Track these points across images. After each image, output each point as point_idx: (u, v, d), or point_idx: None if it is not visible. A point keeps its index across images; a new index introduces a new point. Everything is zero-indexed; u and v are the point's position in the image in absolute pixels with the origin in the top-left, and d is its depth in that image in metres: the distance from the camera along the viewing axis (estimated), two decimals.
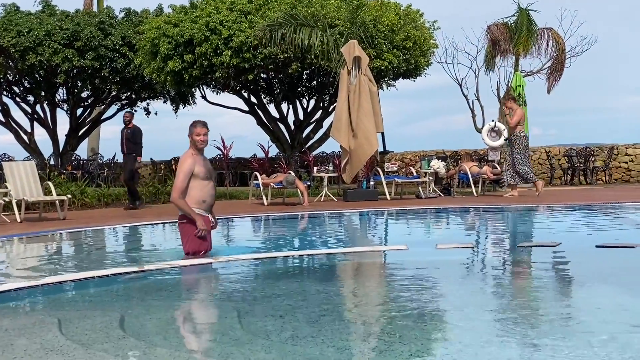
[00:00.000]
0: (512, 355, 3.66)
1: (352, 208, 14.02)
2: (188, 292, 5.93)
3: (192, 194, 7.32)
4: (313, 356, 3.67)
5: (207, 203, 7.44)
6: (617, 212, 12.20)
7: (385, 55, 21.48)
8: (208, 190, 7.43)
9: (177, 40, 22.07)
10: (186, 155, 7.45)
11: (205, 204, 7.42)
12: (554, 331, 4.10)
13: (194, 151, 7.47)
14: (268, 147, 22.07)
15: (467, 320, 4.47)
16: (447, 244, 7.81)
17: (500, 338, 4.02)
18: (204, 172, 7.39)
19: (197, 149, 7.48)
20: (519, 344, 3.88)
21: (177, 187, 7.27)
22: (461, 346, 3.83)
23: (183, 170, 7.32)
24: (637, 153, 22.57)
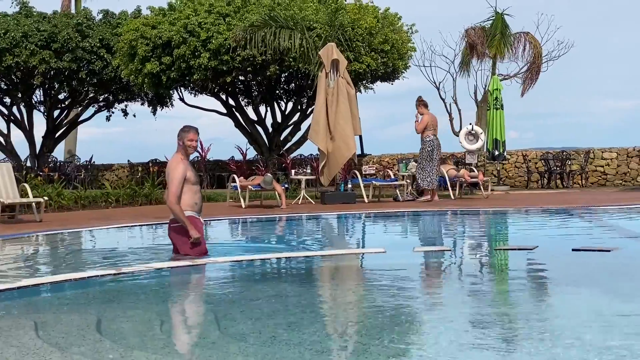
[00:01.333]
0: (488, 358, 3.68)
1: (329, 211, 14.03)
2: (165, 295, 5.91)
3: (184, 198, 7.37)
4: (291, 359, 3.67)
5: (198, 205, 7.53)
6: (593, 216, 12.29)
7: (363, 58, 21.54)
8: (198, 193, 7.54)
9: (155, 42, 22.01)
10: (177, 161, 7.45)
11: (197, 206, 7.50)
12: (530, 334, 4.12)
13: (182, 156, 7.48)
14: (246, 150, 22.06)
15: (444, 322, 4.49)
16: (425, 247, 7.84)
17: (477, 340, 4.04)
18: (194, 176, 7.48)
19: (186, 154, 7.51)
20: (495, 347, 3.90)
21: (173, 193, 7.31)
22: (438, 348, 3.85)
23: (177, 176, 7.35)
24: (612, 157, 22.75)
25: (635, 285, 5.71)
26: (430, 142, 16.11)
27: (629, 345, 3.76)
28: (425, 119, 16.14)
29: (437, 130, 16.39)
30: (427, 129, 16.11)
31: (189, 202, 7.40)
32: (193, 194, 7.46)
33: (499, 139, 20.00)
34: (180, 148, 7.50)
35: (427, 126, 16.12)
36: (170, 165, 7.49)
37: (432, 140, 16.10)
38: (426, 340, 4.13)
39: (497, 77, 21.90)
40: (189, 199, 7.40)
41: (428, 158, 16.14)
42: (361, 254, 7.74)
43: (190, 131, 7.51)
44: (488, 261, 7.63)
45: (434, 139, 16.13)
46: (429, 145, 16.12)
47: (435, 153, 16.13)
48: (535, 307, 5.05)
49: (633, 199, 14.90)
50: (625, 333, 4.07)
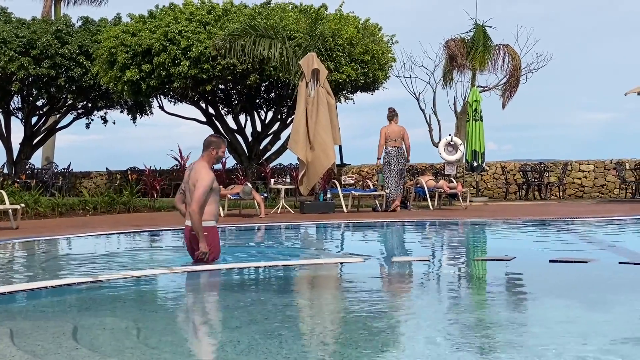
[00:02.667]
0: None
1: (308, 220, 14.03)
2: (142, 303, 5.88)
3: (209, 208, 7.45)
4: None
5: (217, 215, 7.68)
6: (571, 228, 12.36)
7: (344, 69, 21.58)
8: (218, 203, 7.78)
9: (135, 49, 21.96)
10: (206, 169, 7.47)
11: (216, 215, 7.64)
12: (506, 344, 4.14)
13: (208, 164, 7.55)
14: (225, 159, 22.00)
15: (422, 332, 4.50)
16: (403, 257, 7.85)
17: (454, 351, 4.05)
18: (217, 186, 7.59)
19: (212, 163, 7.62)
20: (472, 357, 3.91)
21: (197, 200, 7.29)
22: (414, 357, 3.85)
23: (205, 185, 7.33)
24: (590, 169, 22.91)
25: (611, 296, 5.74)
26: (388, 153, 16.37)
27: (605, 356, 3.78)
28: (381, 131, 16.37)
29: (404, 141, 16.49)
30: (388, 140, 16.33)
31: (213, 212, 7.50)
32: (216, 204, 7.59)
33: (478, 150, 20.09)
34: (207, 156, 7.54)
35: (387, 137, 16.31)
36: (200, 173, 7.42)
37: (390, 151, 16.35)
38: (403, 350, 4.13)
39: (476, 88, 22.02)
40: (213, 209, 7.50)
41: (387, 169, 16.38)
42: (339, 263, 7.74)
43: (224, 142, 7.70)
44: (466, 272, 7.65)
45: (392, 150, 16.36)
46: (387, 156, 16.39)
47: (392, 164, 16.31)
48: (513, 318, 5.06)
49: (609, 211, 15.01)
50: (601, 343, 4.09)
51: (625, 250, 8.66)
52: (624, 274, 6.95)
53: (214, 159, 7.57)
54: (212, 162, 7.59)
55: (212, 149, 7.52)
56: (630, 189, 21.48)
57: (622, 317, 4.94)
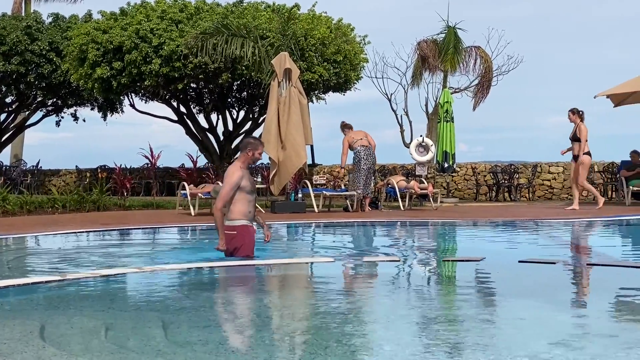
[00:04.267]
0: None
1: (279, 220, 14.01)
2: (111, 302, 5.83)
3: (238, 206, 7.61)
4: None
5: (251, 214, 7.76)
6: (540, 229, 12.45)
7: (316, 68, 21.59)
8: (252, 202, 7.78)
9: (106, 47, 21.82)
10: (235, 168, 7.70)
11: (250, 214, 7.73)
12: (475, 344, 4.15)
13: (242, 165, 7.71)
14: (196, 157, 21.95)
15: (391, 332, 4.51)
16: (374, 257, 7.86)
17: (423, 351, 4.06)
18: (249, 186, 7.69)
19: (248, 164, 7.78)
20: (441, 357, 3.92)
21: (222, 197, 7.52)
22: (385, 358, 3.86)
23: (231, 182, 7.55)
24: (559, 171, 23.10)
25: (580, 297, 5.79)
26: (358, 152, 16.49)
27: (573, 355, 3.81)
28: (344, 140, 16.53)
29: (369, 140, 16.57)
30: (353, 144, 16.42)
31: (242, 211, 7.61)
32: (247, 203, 7.67)
33: (448, 151, 20.17)
34: (243, 157, 7.76)
35: (352, 142, 16.42)
36: (229, 170, 7.73)
37: (360, 151, 16.47)
38: (373, 349, 4.14)
39: (448, 90, 22.12)
40: (242, 207, 7.61)
41: (357, 168, 16.50)
42: (309, 263, 7.74)
43: (261, 144, 7.96)
44: (436, 272, 7.68)
45: (361, 149, 16.46)
46: (357, 156, 16.51)
47: (362, 163, 16.44)
48: (482, 318, 5.09)
49: (578, 213, 15.13)
50: (568, 343, 4.12)
51: (593, 252, 8.74)
52: (591, 274, 7.02)
53: (250, 159, 7.81)
54: (248, 162, 7.81)
55: (248, 150, 7.76)
56: (599, 191, 21.67)
57: (589, 317, 4.98)
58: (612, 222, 13.72)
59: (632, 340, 4.31)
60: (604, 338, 4.35)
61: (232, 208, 7.60)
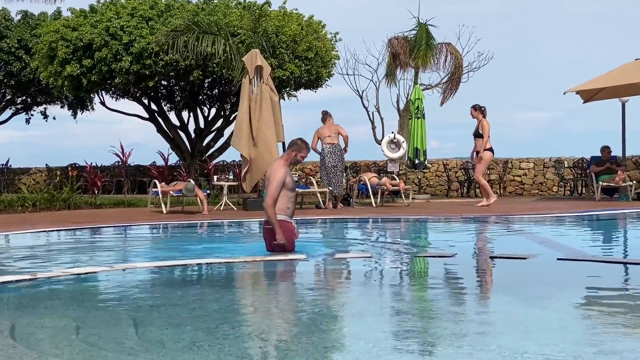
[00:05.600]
0: None
1: (251, 217, 13.99)
2: (82, 301, 5.79)
3: (278, 202, 7.84)
4: None
5: (290, 210, 8.03)
6: (511, 225, 12.53)
7: (287, 66, 21.56)
8: (292, 199, 8.06)
9: (76, 44, 21.65)
10: (279, 165, 7.98)
11: (289, 210, 8.00)
12: (447, 340, 4.18)
13: (285, 163, 8.03)
14: (168, 155, 21.88)
15: (364, 329, 4.52)
16: (345, 254, 7.88)
17: (396, 347, 4.07)
18: (291, 183, 7.95)
19: (290, 162, 8.08)
20: (413, 353, 3.94)
21: (271, 195, 7.80)
22: (356, 355, 3.87)
23: (277, 179, 7.81)
24: (529, 167, 23.26)
25: (550, 292, 5.83)
26: (322, 150, 16.63)
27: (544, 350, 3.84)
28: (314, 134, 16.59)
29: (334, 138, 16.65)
30: (322, 138, 16.57)
31: (282, 207, 7.88)
32: (287, 199, 7.93)
33: (419, 147, 20.24)
34: (286, 156, 8.11)
35: (320, 137, 16.58)
36: (273, 168, 8.02)
37: (324, 149, 16.63)
38: (346, 345, 4.15)
39: (419, 86, 22.17)
40: (282, 203, 7.88)
41: (322, 166, 16.64)
42: (282, 260, 7.74)
43: (306, 148, 8.22)
44: (408, 268, 7.70)
45: (325, 147, 16.65)
46: (321, 153, 16.71)
47: (326, 160, 16.59)
48: (453, 313, 5.12)
49: (548, 208, 15.25)
50: (540, 338, 4.15)
51: (563, 247, 8.81)
52: (562, 269, 7.07)
53: (292, 159, 8.07)
54: (290, 161, 8.08)
55: (292, 150, 8.05)
56: (569, 187, 21.86)
57: (560, 312, 5.02)
58: (582, 217, 13.84)
59: (601, 334, 4.35)
60: (573, 333, 4.39)
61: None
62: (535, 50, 78.09)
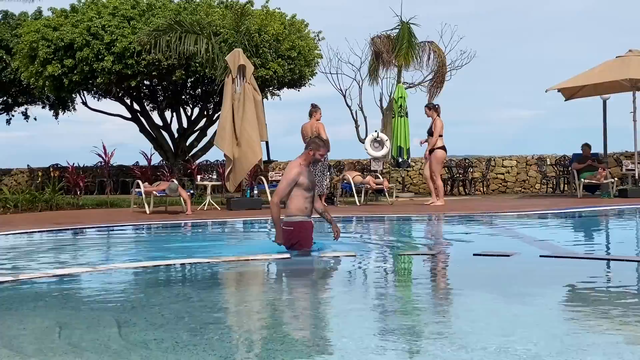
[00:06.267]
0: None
1: (235, 217, 13.97)
2: (65, 302, 5.76)
3: (295, 202, 7.83)
4: None
5: (308, 209, 7.95)
6: (494, 222, 12.57)
7: (270, 65, 21.55)
8: (309, 199, 7.95)
9: (57, 44, 21.56)
10: (295, 164, 7.93)
11: (307, 210, 7.93)
12: (431, 337, 4.18)
13: (302, 162, 7.94)
14: (151, 155, 21.79)
15: (348, 327, 4.52)
16: (329, 253, 7.87)
17: (380, 344, 4.08)
18: (307, 183, 7.88)
19: (308, 162, 7.98)
20: (397, 350, 3.95)
21: (278, 192, 7.84)
22: (341, 354, 3.87)
23: (288, 178, 7.82)
24: (512, 165, 23.35)
25: (533, 289, 5.85)
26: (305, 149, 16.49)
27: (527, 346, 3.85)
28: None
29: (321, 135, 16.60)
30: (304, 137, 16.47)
31: (299, 207, 7.84)
32: (304, 199, 7.87)
33: (403, 146, 20.25)
34: (304, 155, 7.98)
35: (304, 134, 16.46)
36: (288, 166, 8.02)
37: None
38: (331, 344, 4.15)
39: (402, 85, 22.19)
40: (299, 203, 7.83)
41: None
42: (266, 259, 7.73)
43: (324, 147, 8.22)
44: (392, 266, 7.71)
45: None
46: None
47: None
48: (437, 311, 5.13)
49: (531, 206, 15.32)
50: (523, 335, 4.16)
51: (546, 244, 8.85)
52: (544, 266, 7.10)
53: (310, 158, 7.97)
54: (309, 161, 7.98)
55: (310, 149, 7.97)
56: (551, 184, 21.95)
57: (543, 309, 5.04)
58: (564, 214, 13.90)
59: (584, 331, 4.37)
60: (555, 329, 4.41)
61: (290, 204, 7.86)
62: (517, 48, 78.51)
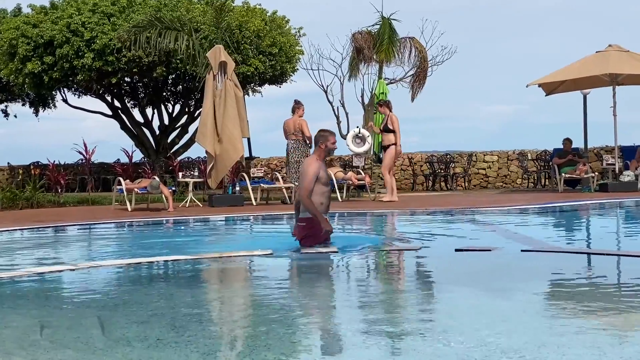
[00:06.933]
0: (373, 356, 3.72)
1: (217, 213, 13.95)
2: (47, 300, 5.74)
3: (313, 196, 7.78)
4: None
5: (324, 205, 7.95)
6: (476, 217, 12.61)
7: (251, 61, 21.52)
8: (326, 194, 7.98)
9: (37, 41, 21.42)
10: (312, 160, 7.98)
11: (322, 206, 7.91)
12: (413, 332, 4.20)
13: (318, 158, 7.97)
14: (132, 152, 21.66)
15: (331, 323, 4.53)
16: (311, 249, 7.87)
17: (363, 340, 4.09)
18: (325, 177, 7.95)
19: (323, 156, 8.05)
20: (380, 345, 3.96)
21: (306, 188, 7.76)
22: (324, 348, 3.88)
23: (310, 172, 7.80)
24: (493, 160, 23.43)
25: (514, 283, 5.89)
26: (286, 146, 16.55)
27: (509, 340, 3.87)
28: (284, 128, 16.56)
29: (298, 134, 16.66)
30: (287, 134, 16.50)
31: (316, 201, 7.80)
32: (321, 195, 7.86)
33: None
34: (318, 151, 8.01)
35: (286, 131, 16.50)
36: (306, 162, 8.05)
37: (287, 144, 16.55)
38: (313, 340, 4.15)
39: (383, 81, 22.20)
40: (316, 199, 7.82)
41: (286, 162, 16.66)
42: (248, 256, 7.72)
43: (332, 135, 8.11)
44: (374, 262, 7.73)
45: (289, 143, 16.55)
46: (287, 149, 16.59)
47: (290, 156, 16.57)
48: (420, 306, 5.15)
49: (512, 201, 15.38)
50: (504, 329, 4.19)
51: (527, 238, 8.89)
52: (525, 261, 7.14)
53: (324, 152, 8.02)
54: (324, 155, 8.06)
55: (320, 144, 8.00)
56: (532, 179, 22.05)
57: (524, 303, 5.07)
58: (545, 209, 13.97)
59: (565, 324, 4.40)
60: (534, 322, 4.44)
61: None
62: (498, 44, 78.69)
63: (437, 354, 3.67)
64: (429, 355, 3.62)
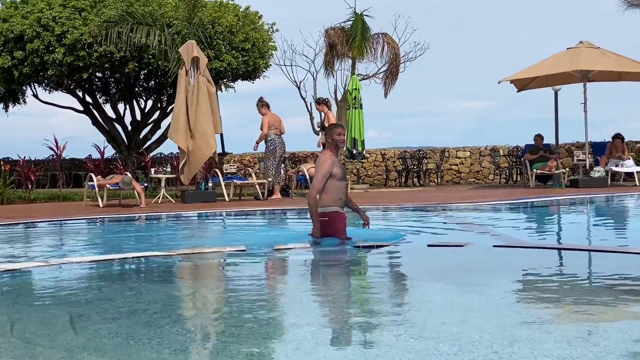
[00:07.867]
0: (345, 353, 3.73)
1: (190, 209, 13.91)
2: (18, 297, 5.69)
3: (330, 193, 7.85)
4: (149, 358, 3.61)
5: (342, 200, 8.02)
6: (448, 213, 12.67)
7: (224, 57, 21.45)
8: (343, 189, 8.03)
9: (7, 36, 21.23)
10: (326, 157, 7.94)
11: (341, 201, 7.99)
12: (387, 328, 4.20)
13: (332, 152, 7.96)
14: (104, 148, 21.52)
15: (303, 319, 4.52)
16: (284, 245, 7.87)
17: (335, 336, 4.09)
18: (340, 173, 7.98)
19: (336, 150, 8.00)
20: (353, 342, 3.97)
21: (315, 187, 7.82)
22: (296, 344, 3.88)
23: (322, 171, 7.82)
24: (466, 156, 23.56)
25: (486, 279, 5.92)
26: (272, 140, 16.62)
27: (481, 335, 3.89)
28: (265, 120, 16.57)
29: (282, 129, 16.77)
30: (271, 128, 16.52)
31: (333, 197, 7.89)
32: (338, 189, 7.93)
33: (357, 138, 20.28)
34: (329, 145, 7.99)
35: (270, 126, 16.51)
36: (320, 159, 8.04)
37: (274, 139, 16.57)
38: (285, 336, 4.15)
39: (356, 76, 22.22)
40: (334, 194, 7.88)
41: (272, 156, 16.61)
42: (221, 252, 7.70)
43: (337, 127, 8.21)
44: (348, 258, 7.74)
45: (276, 137, 16.56)
46: (272, 144, 16.63)
47: (278, 151, 16.57)
48: (392, 301, 5.16)
49: (484, 196, 15.47)
50: (477, 324, 4.21)
51: (499, 234, 8.94)
52: (498, 256, 7.18)
53: (333, 145, 7.97)
54: (334, 148, 7.99)
55: (327, 138, 8.05)
56: (504, 175, 22.19)
57: (496, 298, 5.09)
58: (517, 204, 14.06)
59: (536, 319, 4.43)
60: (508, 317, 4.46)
61: (323, 195, 7.85)
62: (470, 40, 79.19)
63: (407, 348, 3.67)
64: (400, 350, 3.63)
